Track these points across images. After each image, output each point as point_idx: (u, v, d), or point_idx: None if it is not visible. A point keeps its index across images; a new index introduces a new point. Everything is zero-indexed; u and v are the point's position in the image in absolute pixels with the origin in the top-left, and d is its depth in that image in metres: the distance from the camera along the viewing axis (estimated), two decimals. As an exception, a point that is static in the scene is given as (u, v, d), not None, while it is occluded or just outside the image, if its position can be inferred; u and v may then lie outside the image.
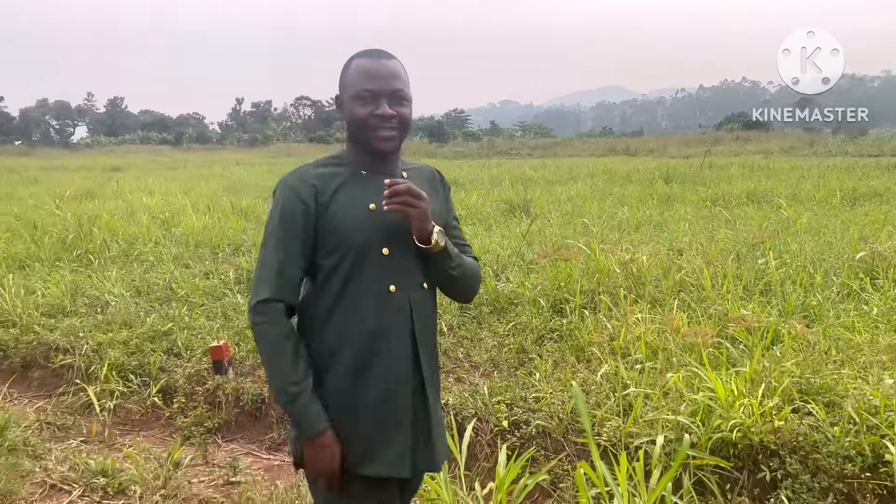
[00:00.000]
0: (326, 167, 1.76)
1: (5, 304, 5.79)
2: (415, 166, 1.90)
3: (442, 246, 1.70)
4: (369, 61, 1.72)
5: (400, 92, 1.71)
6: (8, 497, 3.19)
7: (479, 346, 4.83)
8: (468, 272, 1.81)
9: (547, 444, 3.47)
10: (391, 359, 1.70)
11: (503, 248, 7.50)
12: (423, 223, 1.66)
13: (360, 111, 1.69)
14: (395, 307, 1.70)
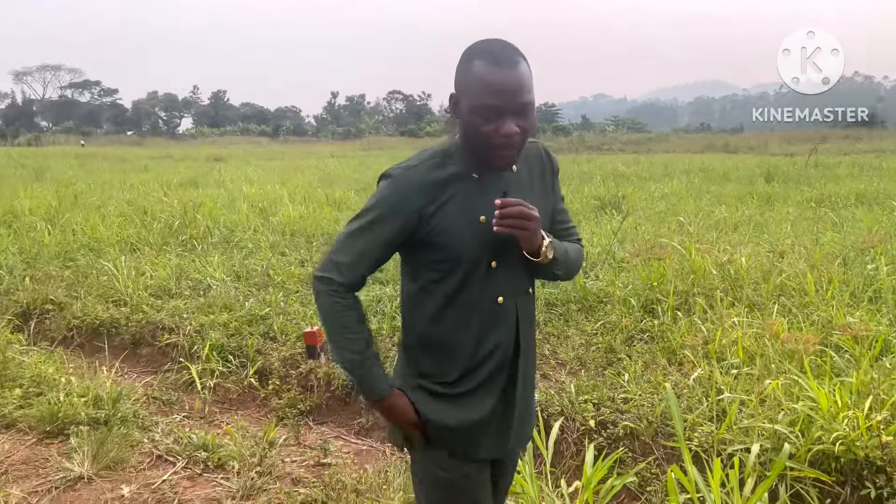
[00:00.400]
0: (434, 169, 1.65)
1: (118, 284, 6.18)
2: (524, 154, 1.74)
3: (550, 258, 1.66)
4: (495, 71, 1.54)
5: (527, 106, 1.57)
6: (119, 464, 3.42)
7: (565, 344, 4.79)
8: (572, 265, 1.78)
9: (635, 446, 3.41)
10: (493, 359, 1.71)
11: (593, 245, 7.38)
12: (533, 240, 1.63)
13: (481, 128, 1.56)
14: (503, 316, 1.71)
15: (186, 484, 3.30)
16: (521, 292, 1.74)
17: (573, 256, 1.78)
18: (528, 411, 1.84)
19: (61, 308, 5.87)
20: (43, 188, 13.52)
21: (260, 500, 3.10)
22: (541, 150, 1.80)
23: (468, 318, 1.69)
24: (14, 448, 3.61)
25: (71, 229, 8.83)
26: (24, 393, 4.13)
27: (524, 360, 1.75)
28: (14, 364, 4.47)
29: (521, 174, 1.72)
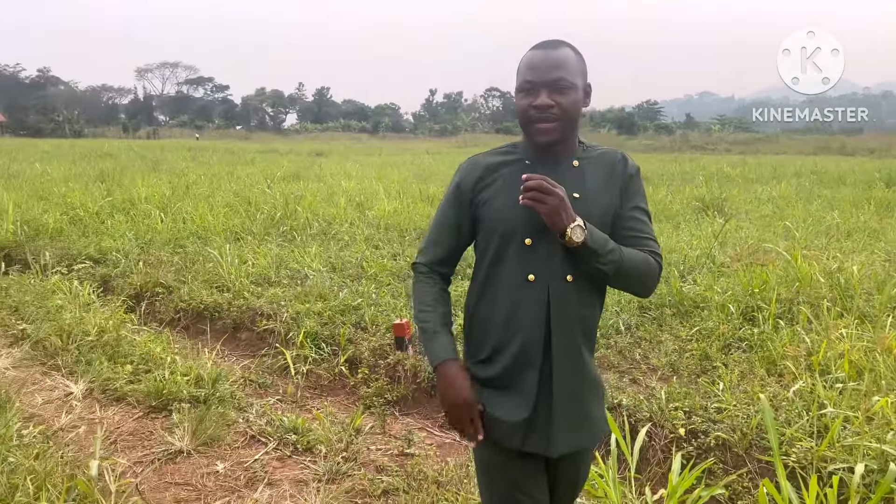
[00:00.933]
0: (500, 155, 1.85)
1: (222, 270, 6.48)
2: (596, 153, 1.84)
3: (579, 242, 1.65)
4: (535, 52, 1.75)
5: (561, 81, 1.70)
6: (216, 441, 3.60)
7: (658, 349, 4.65)
8: (628, 268, 1.72)
9: (726, 457, 3.27)
10: (519, 344, 1.75)
11: (692, 248, 7.13)
12: (553, 218, 1.64)
13: (521, 102, 1.74)
14: (533, 296, 1.74)
15: (276, 464, 3.43)
16: (555, 276, 1.73)
17: (629, 259, 1.73)
18: (583, 412, 1.80)
19: (170, 291, 6.22)
20: (158, 178, 14.37)
21: (344, 484, 3.18)
22: (619, 157, 1.85)
23: (500, 293, 1.78)
24: (123, 420, 3.87)
25: (181, 217, 9.34)
26: (134, 369, 4.41)
27: (560, 354, 1.74)
28: (126, 342, 4.78)
29: (581, 170, 1.79)
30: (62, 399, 4.09)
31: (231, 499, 3.09)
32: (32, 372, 4.52)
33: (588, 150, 1.84)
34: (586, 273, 1.74)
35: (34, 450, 3.03)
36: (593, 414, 1.83)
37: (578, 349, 1.78)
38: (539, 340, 1.74)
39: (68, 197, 10.73)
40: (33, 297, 5.77)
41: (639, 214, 1.82)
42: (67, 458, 3.06)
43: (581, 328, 1.78)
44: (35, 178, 14.23)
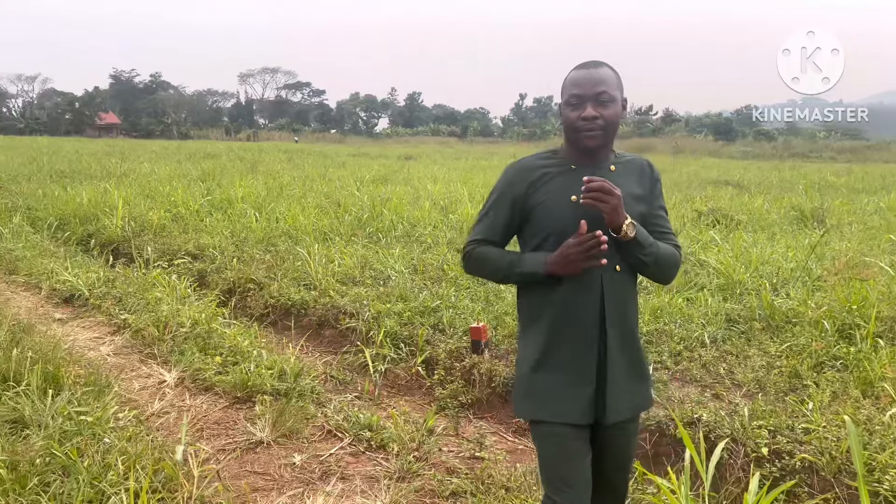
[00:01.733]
0: (545, 160, 2.08)
1: (310, 269, 6.70)
2: (626, 159, 2.10)
3: (632, 237, 1.91)
4: (579, 72, 1.99)
5: (603, 95, 1.94)
6: (294, 434, 3.73)
7: (744, 364, 4.47)
8: (662, 259, 2.01)
9: (812, 481, 3.12)
10: (579, 327, 1.98)
11: (786, 260, 6.81)
12: (614, 215, 1.88)
13: (569, 115, 1.98)
14: (587, 285, 1.97)
15: (350, 459, 3.52)
16: (607, 267, 1.96)
17: (663, 252, 2.02)
18: (629, 388, 2.03)
19: (261, 287, 6.48)
20: (255, 179, 14.99)
21: (414, 483, 3.23)
22: (644, 164, 2.13)
23: (557, 287, 1.98)
24: (210, 409, 4.07)
25: (275, 217, 9.71)
26: (223, 361, 4.63)
27: (613, 333, 1.98)
28: (217, 335, 5.02)
29: (617, 174, 2.02)
30: (156, 386, 4.35)
31: (305, 490, 3.19)
32: (131, 359, 4.83)
33: (620, 157, 2.10)
34: (630, 264, 2.00)
35: (127, 432, 3.23)
36: (640, 386, 2.09)
37: (630, 330, 2.04)
38: (596, 323, 1.97)
39: (172, 195, 11.36)
40: (136, 289, 6.15)
41: (663, 213, 2.12)
42: (157, 442, 3.25)
43: (630, 311, 2.05)
44: (143, 178, 15.13)
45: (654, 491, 2.84)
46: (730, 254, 6.91)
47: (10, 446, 2.98)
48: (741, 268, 6.39)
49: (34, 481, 2.76)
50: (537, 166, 2.06)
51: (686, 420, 3.64)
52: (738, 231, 8.49)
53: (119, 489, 2.69)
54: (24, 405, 3.40)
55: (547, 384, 2.01)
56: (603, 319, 1.98)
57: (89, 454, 2.94)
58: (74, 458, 2.87)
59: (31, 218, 10.13)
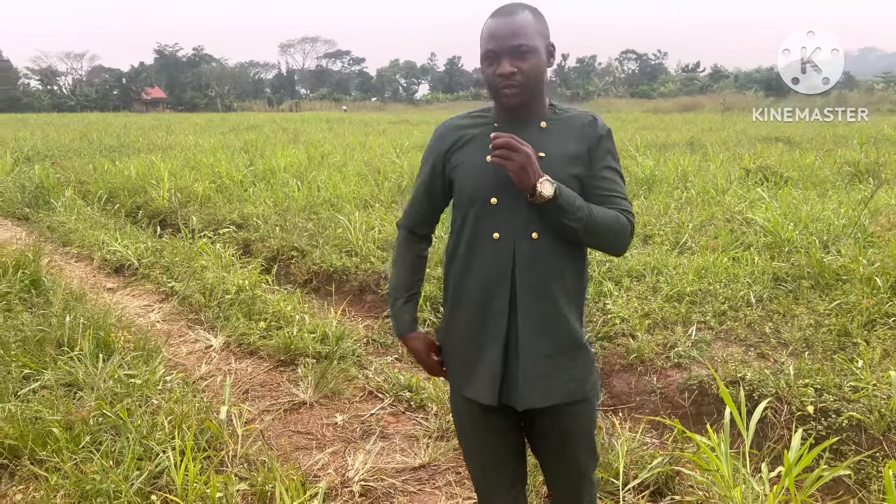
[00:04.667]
0: (468, 119, 1.91)
1: (351, 236, 6.76)
2: (565, 115, 1.87)
3: (547, 197, 1.67)
4: (493, 21, 1.79)
5: (521, 47, 1.74)
6: (336, 395, 3.80)
7: (791, 323, 4.36)
8: (598, 225, 1.74)
9: (861, 439, 3.05)
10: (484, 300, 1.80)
11: (838, 216, 6.59)
12: (522, 174, 1.67)
13: (486, 71, 1.80)
14: (498, 253, 1.78)
15: (390, 419, 3.58)
16: (522, 234, 1.77)
17: (599, 217, 1.75)
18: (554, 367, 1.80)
19: (303, 255, 6.57)
20: (296, 149, 15.11)
21: (452, 442, 3.27)
22: (588, 118, 1.87)
23: (469, 251, 1.83)
24: (255, 372, 4.17)
25: (316, 186, 9.79)
26: (267, 326, 4.72)
27: (526, 309, 1.77)
28: (261, 301, 5.12)
29: (548, 131, 1.83)
30: (202, 351, 4.47)
31: (346, 448, 3.26)
32: (179, 325, 4.97)
33: (558, 113, 1.87)
34: (555, 231, 1.76)
35: (175, 394, 3.34)
36: (568, 371, 1.82)
37: (549, 305, 1.79)
38: (506, 296, 1.78)
39: (216, 167, 11.54)
40: (182, 258, 6.30)
41: (609, 174, 1.83)
42: (203, 403, 3.35)
43: (552, 285, 1.79)
44: (188, 150, 15.40)
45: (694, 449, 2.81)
46: (778, 211, 6.71)
47: (65, 407, 3.11)
48: (790, 225, 6.21)
49: (86, 440, 2.88)
50: (461, 126, 1.90)
51: (729, 379, 3.58)
52: (786, 188, 8.23)
53: (166, 447, 2.79)
54: (78, 369, 3.54)
55: (448, 352, 1.93)
56: (513, 293, 1.78)
57: (138, 415, 3.06)
58: (125, 417, 2.99)
59: (83, 191, 10.43)
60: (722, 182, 9.12)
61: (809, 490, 2.32)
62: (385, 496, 2.89)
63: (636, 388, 3.93)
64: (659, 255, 5.88)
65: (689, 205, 7.87)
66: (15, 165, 12.93)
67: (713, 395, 3.58)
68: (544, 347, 1.78)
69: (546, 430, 1.89)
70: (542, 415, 1.84)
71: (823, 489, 2.87)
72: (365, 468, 2.98)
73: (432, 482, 2.97)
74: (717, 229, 6.66)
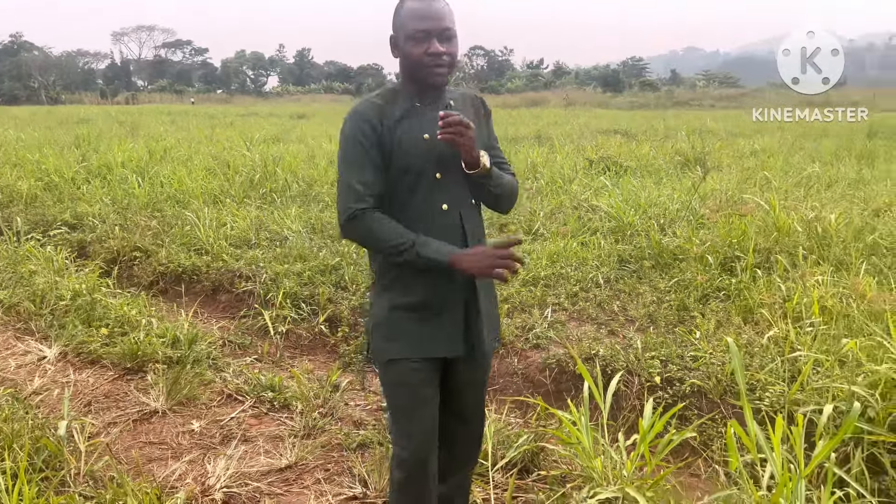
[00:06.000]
0: (384, 100, 1.97)
1: (200, 234, 6.41)
2: (459, 94, 2.09)
3: (489, 168, 1.94)
4: (419, 3, 1.91)
5: (449, 31, 1.91)
6: (192, 401, 3.58)
7: (636, 301, 4.66)
8: (507, 189, 2.06)
9: (702, 404, 3.31)
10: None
11: (672, 201, 7.12)
12: (469, 149, 1.89)
13: (414, 50, 1.90)
14: (448, 221, 1.97)
15: (252, 421, 3.43)
16: (464, 203, 2.00)
17: (507, 182, 2.07)
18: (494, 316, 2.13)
19: (147, 255, 6.15)
20: (135, 143, 14.12)
21: (320, 439, 3.19)
22: (475, 97, 2.14)
23: (418, 223, 1.93)
24: (97, 382, 3.84)
25: (159, 181, 9.19)
26: (109, 332, 4.36)
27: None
28: (101, 305, 4.72)
29: (455, 109, 1.98)
30: (35, 363, 4.05)
31: (205, 455, 3.08)
32: (5, 336, 4.47)
33: (453, 93, 2.06)
34: (478, 197, 2.05)
35: (3, 412, 2.99)
36: (496, 320, 2.17)
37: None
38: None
39: (42, 163, 10.53)
40: (6, 263, 5.69)
41: (497, 144, 2.16)
42: (38, 420, 3.03)
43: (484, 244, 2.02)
44: (8, 145, 13.94)
45: (556, 425, 2.92)
46: (620, 198, 7.14)
47: None
48: (631, 211, 6.63)
49: None
50: (382, 105, 1.96)
51: (584, 356, 3.76)
52: (626, 177, 8.78)
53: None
54: None
55: (411, 321, 1.98)
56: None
57: (-41, 439, 2.70)
58: (-59, 444, 2.64)
59: None
60: (568, 172, 9.58)
61: (662, 454, 2.48)
62: (250, 500, 2.75)
63: (499, 370, 4.03)
64: (514, 243, 6.07)
65: (539, 194, 8.20)
66: None
67: (570, 372, 3.74)
68: (488, 301, 2.07)
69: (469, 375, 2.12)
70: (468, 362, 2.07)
71: (673, 452, 3.09)
72: (227, 474, 2.83)
73: (300, 482, 2.87)
74: (567, 216, 6.99)
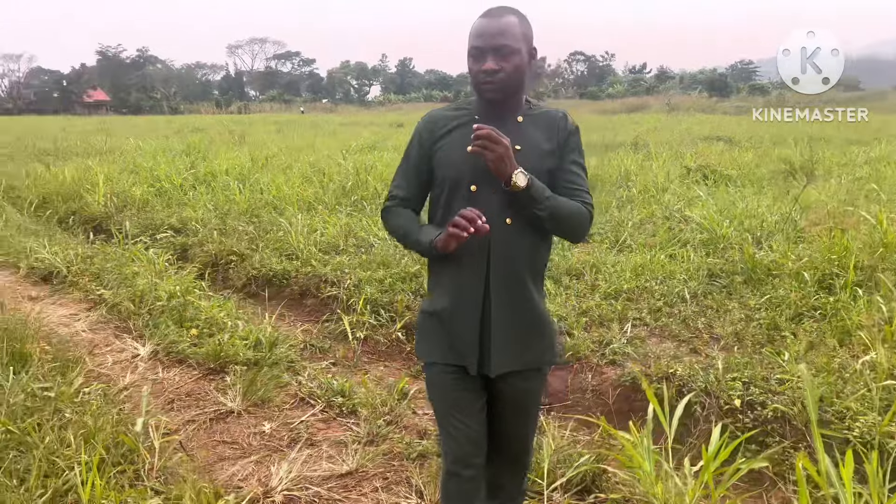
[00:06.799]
0: (452, 111, 2.06)
1: (292, 240, 6.64)
2: (538, 112, 2.04)
3: (522, 187, 1.85)
4: (481, 20, 1.93)
5: (504, 48, 1.89)
6: (266, 403, 3.70)
7: (723, 318, 4.44)
8: (562, 215, 1.93)
9: (785, 431, 3.10)
10: (463, 277, 1.97)
11: (771, 213, 6.75)
12: (499, 165, 1.83)
13: (471, 66, 1.95)
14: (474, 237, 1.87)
15: (320, 426, 3.50)
16: (496, 220, 1.92)
17: (564, 207, 1.94)
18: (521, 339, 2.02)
19: (242, 259, 6.43)
20: (240, 152, 14.81)
21: (382, 447, 3.21)
22: (560, 115, 2.06)
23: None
24: (182, 381, 4.03)
25: (259, 189, 9.59)
26: (199, 333, 4.58)
27: (497, 286, 1.96)
28: (193, 307, 4.97)
29: (524, 126, 2.00)
30: (129, 360, 4.31)
31: (270, 457, 3.17)
32: (105, 334, 4.78)
33: (532, 109, 2.04)
34: (525, 218, 1.94)
35: (91, 407, 3.19)
36: (533, 342, 2.05)
37: (518, 284, 1.99)
38: (482, 275, 1.96)
39: (155, 170, 11.23)
40: (114, 264, 6.08)
41: (575, 168, 2.02)
42: (123, 415, 3.21)
43: (522, 266, 1.99)
44: (128, 153, 14.96)
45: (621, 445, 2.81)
46: (714, 209, 6.84)
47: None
48: (725, 222, 6.34)
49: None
50: (446, 117, 2.06)
51: (660, 375, 3.61)
52: (723, 186, 8.41)
53: (74, 462, 2.65)
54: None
55: (435, 327, 2.05)
56: (488, 275, 1.96)
57: (48, 429, 2.90)
58: (31, 433, 2.84)
59: (13, 197, 10.03)
60: (662, 180, 9.28)
61: (728, 483, 2.34)
62: (309, 505, 2.81)
63: (571, 386, 3.94)
64: (598, 254, 5.93)
65: (629, 203, 7.97)
66: (-61, 171, 12.35)
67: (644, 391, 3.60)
68: (513, 321, 2.00)
69: (504, 393, 2.08)
70: (503, 380, 2.03)
71: (749, 481, 2.91)
72: (289, 477, 2.90)
73: (359, 489, 2.90)
74: (656, 227, 6.76)
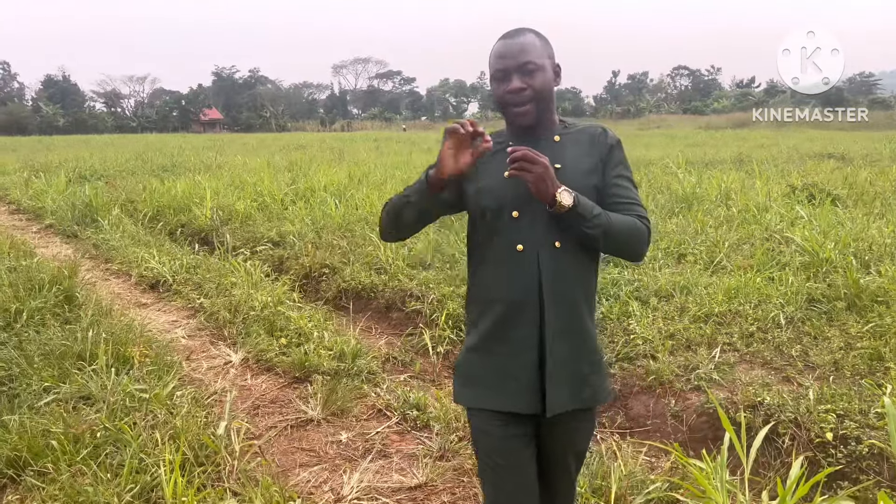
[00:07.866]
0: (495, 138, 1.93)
1: (381, 254, 6.80)
2: (576, 129, 1.95)
3: (567, 206, 1.72)
4: (500, 43, 1.88)
5: (528, 65, 1.82)
6: (345, 412, 3.80)
7: (821, 346, 4.19)
8: (616, 230, 1.80)
9: (882, 469, 2.89)
10: (515, 308, 1.83)
11: (884, 235, 6.31)
12: (540, 185, 1.72)
13: (496, 90, 1.87)
14: (524, 263, 1.82)
15: (394, 437, 3.56)
16: (543, 244, 1.82)
17: (617, 223, 1.80)
18: (578, 374, 1.86)
19: (334, 272, 6.64)
20: (339, 168, 15.32)
21: (452, 462, 3.22)
22: (599, 130, 1.95)
23: (493, 264, 1.87)
24: (268, 388, 4.21)
25: (354, 204, 9.89)
26: (287, 342, 4.77)
27: (552, 314, 1.81)
28: (283, 317, 5.18)
29: (561, 145, 1.90)
30: (221, 366, 4.54)
31: (344, 466, 3.25)
32: (202, 341, 5.06)
33: (569, 128, 1.95)
34: (576, 239, 1.82)
35: (181, 409, 3.39)
36: (589, 378, 1.89)
37: (574, 313, 1.86)
38: (534, 305, 1.82)
39: (258, 185, 11.79)
40: (214, 274, 6.43)
41: (622, 182, 1.90)
42: (210, 418, 3.39)
43: (576, 293, 1.86)
44: (234, 169, 15.79)
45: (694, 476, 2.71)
46: (818, 230, 6.47)
47: (71, 420, 3.19)
48: (830, 245, 5.98)
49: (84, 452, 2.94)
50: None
51: (747, 404, 3.45)
52: (828, 205, 7.94)
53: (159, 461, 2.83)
54: (93, 383, 3.63)
55: (483, 368, 1.87)
56: (541, 302, 1.81)
57: (141, 428, 3.11)
58: (126, 431, 3.05)
59: (130, 210, 10.79)
60: (764, 199, 8.87)
61: (808, 522, 2.20)
62: (378, 516, 2.86)
63: (653, 410, 3.83)
64: (690, 275, 5.73)
65: (727, 223, 7.67)
66: (69, 185, 13.46)
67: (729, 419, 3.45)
68: (570, 354, 1.85)
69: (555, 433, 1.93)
70: (556, 420, 1.87)
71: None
72: (360, 487, 2.97)
73: (427, 502, 2.93)
74: (754, 248, 6.46)
